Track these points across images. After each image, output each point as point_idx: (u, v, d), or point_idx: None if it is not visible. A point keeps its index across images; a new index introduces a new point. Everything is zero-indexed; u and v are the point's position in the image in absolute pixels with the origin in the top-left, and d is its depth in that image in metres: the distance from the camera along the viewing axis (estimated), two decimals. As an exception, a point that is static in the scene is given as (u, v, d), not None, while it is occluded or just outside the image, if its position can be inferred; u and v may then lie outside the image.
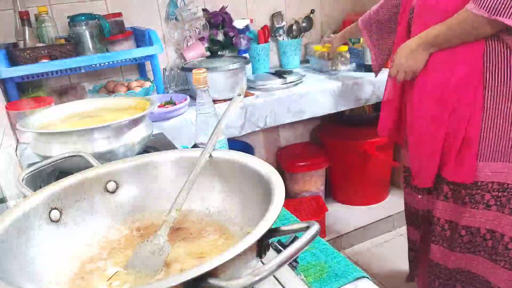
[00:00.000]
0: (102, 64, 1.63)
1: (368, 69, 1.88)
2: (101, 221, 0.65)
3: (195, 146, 0.99)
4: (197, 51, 1.96)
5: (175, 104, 1.66)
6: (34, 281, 0.52)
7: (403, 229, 1.87)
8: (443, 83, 1.17)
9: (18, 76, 1.50)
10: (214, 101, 1.68)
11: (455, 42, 1.12)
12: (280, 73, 1.92)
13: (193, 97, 1.77)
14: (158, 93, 1.80)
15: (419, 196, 1.40)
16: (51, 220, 0.60)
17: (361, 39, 1.93)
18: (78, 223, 0.63)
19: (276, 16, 2.18)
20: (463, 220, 1.24)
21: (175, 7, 1.96)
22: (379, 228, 2.21)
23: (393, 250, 2.09)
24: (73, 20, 1.70)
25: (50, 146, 0.87)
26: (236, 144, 2.10)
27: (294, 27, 2.19)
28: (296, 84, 1.85)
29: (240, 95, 0.69)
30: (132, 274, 0.54)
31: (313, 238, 0.42)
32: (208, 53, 1.94)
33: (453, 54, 1.14)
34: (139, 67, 1.98)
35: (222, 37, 2.07)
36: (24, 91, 1.65)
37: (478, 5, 1.02)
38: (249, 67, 2.02)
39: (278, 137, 2.45)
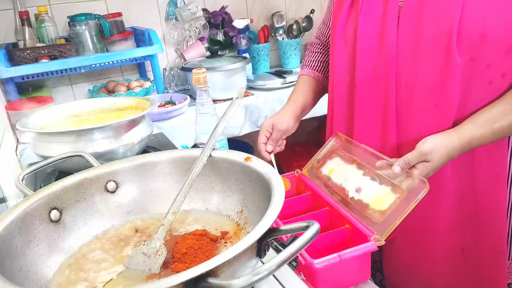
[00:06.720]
0: (102, 64, 1.63)
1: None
2: (101, 221, 0.65)
3: (195, 146, 0.99)
4: (197, 51, 1.96)
5: (175, 104, 1.66)
6: (34, 281, 0.52)
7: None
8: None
9: (18, 76, 1.50)
10: (214, 101, 1.67)
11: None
12: (280, 73, 1.92)
13: (193, 97, 1.77)
14: (158, 93, 1.81)
15: None
16: (51, 220, 0.60)
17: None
18: (78, 223, 0.63)
19: (276, 16, 2.18)
20: None
21: (175, 7, 1.96)
22: (379, 228, 2.21)
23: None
24: (73, 20, 1.70)
25: (50, 146, 0.87)
26: (236, 144, 2.10)
27: (294, 27, 2.19)
28: (296, 84, 1.85)
29: (238, 98, 0.68)
30: (129, 277, 0.54)
31: (313, 237, 0.42)
32: (208, 53, 1.94)
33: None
34: (139, 67, 1.98)
35: (222, 37, 2.07)
36: (24, 91, 1.66)
37: None
38: (249, 67, 2.02)
39: (278, 137, 2.45)
